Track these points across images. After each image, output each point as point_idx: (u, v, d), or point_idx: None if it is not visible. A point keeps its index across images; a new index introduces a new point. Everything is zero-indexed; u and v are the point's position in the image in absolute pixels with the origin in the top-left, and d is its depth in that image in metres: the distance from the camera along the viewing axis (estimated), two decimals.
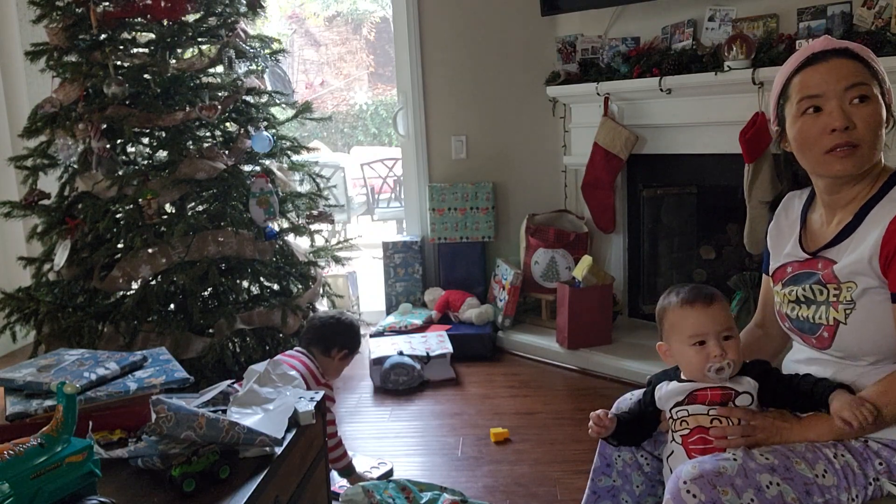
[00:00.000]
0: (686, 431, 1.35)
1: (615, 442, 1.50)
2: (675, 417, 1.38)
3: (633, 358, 3.16)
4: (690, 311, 1.37)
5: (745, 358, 1.49)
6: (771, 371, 1.38)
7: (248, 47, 3.02)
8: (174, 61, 2.93)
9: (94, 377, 1.45)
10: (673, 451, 1.38)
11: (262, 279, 3.14)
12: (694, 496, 1.18)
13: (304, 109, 3.23)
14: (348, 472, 2.27)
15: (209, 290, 2.92)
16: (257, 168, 3.09)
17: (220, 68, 2.99)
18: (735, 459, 1.23)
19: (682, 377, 1.40)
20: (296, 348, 2.34)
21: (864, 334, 1.28)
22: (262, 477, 1.26)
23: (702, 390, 1.35)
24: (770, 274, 1.49)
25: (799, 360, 1.43)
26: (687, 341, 1.37)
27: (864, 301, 1.27)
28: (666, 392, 1.40)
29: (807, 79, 1.31)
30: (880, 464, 1.25)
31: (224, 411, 1.41)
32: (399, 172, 6.39)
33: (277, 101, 3.24)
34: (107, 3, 2.78)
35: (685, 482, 1.20)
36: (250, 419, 1.37)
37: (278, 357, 2.23)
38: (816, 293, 1.34)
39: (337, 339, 2.33)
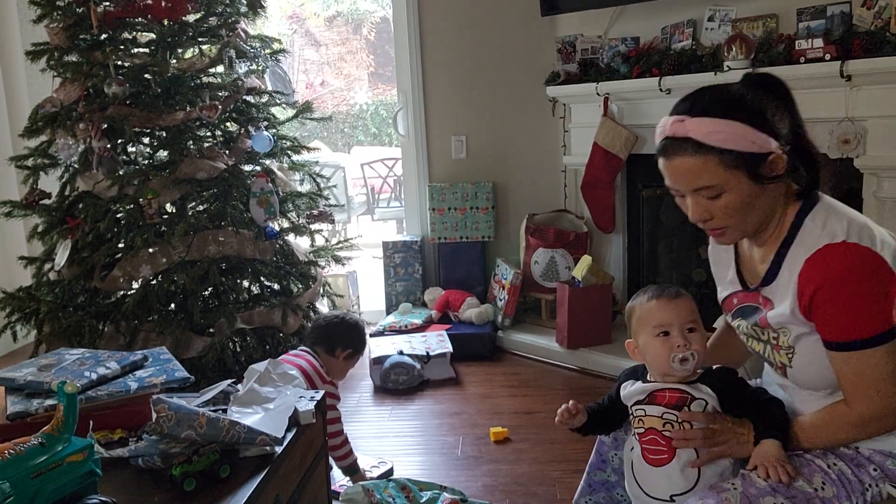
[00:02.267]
0: (642, 430, 1.38)
1: (581, 433, 1.51)
2: (634, 415, 1.41)
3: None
4: (656, 304, 1.40)
5: (717, 354, 1.51)
6: (733, 383, 1.38)
7: (248, 47, 3.02)
8: (175, 61, 2.93)
9: (94, 376, 1.45)
10: (633, 447, 1.41)
11: (262, 279, 3.14)
12: None
13: (305, 109, 3.23)
14: (353, 470, 2.27)
15: (209, 289, 2.92)
16: (258, 168, 3.09)
17: (220, 68, 3.00)
18: (735, 488, 1.21)
19: (648, 377, 1.42)
20: (300, 348, 2.34)
21: (812, 373, 1.28)
22: (262, 476, 1.26)
23: (660, 391, 1.37)
24: (720, 302, 1.49)
25: (769, 380, 1.46)
26: (652, 332, 1.38)
27: (801, 345, 1.27)
28: (629, 392, 1.43)
29: (663, 169, 1.29)
30: (874, 469, 1.25)
31: (224, 411, 1.41)
32: (399, 172, 6.40)
33: (278, 101, 3.24)
34: (107, 3, 2.79)
35: None
36: (250, 418, 1.38)
37: (283, 356, 2.24)
38: (759, 333, 1.35)
39: (341, 338, 2.33)
